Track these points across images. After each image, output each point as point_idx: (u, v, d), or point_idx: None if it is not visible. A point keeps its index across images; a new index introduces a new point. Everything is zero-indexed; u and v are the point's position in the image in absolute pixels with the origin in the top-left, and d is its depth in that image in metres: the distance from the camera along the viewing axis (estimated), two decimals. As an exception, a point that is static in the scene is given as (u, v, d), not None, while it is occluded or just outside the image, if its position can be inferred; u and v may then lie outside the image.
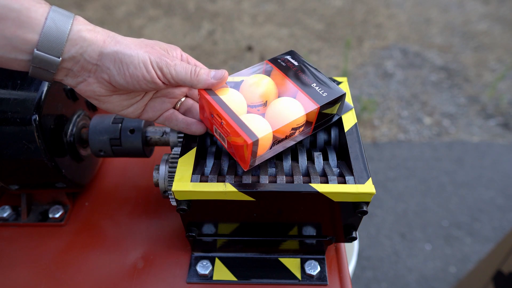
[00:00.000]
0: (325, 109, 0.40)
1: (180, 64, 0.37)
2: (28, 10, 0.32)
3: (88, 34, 0.34)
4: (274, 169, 0.41)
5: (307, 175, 0.40)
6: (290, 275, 0.46)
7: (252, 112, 0.41)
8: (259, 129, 0.36)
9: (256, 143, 0.35)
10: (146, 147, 0.52)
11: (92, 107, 0.57)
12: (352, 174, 0.39)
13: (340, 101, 0.42)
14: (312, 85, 0.41)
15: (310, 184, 0.38)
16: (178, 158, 0.41)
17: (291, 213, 0.41)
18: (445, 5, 2.58)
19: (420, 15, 2.50)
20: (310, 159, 0.43)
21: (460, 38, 2.30)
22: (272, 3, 2.64)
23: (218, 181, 0.38)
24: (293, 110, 0.38)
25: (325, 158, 0.43)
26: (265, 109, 0.41)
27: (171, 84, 0.38)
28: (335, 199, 0.38)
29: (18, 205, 0.55)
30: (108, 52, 0.35)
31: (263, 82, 0.41)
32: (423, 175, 1.60)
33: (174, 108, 0.44)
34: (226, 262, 0.47)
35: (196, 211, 0.40)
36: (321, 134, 0.45)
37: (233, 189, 0.37)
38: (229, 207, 0.39)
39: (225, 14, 2.54)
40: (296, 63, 0.44)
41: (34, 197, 0.56)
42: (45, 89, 0.44)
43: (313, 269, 0.46)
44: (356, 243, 0.97)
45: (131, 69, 0.35)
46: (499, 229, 1.40)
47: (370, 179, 0.38)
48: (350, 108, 0.45)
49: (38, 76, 0.35)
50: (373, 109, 1.89)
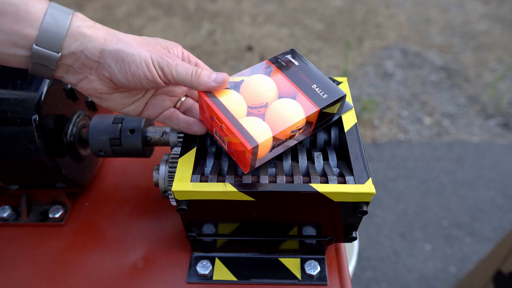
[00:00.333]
0: (326, 110, 0.40)
1: (182, 65, 0.37)
2: (27, 5, 0.32)
3: (88, 31, 0.34)
4: (274, 169, 0.41)
5: (307, 175, 0.40)
6: (290, 275, 0.46)
7: (253, 113, 0.41)
8: (259, 134, 0.36)
9: (256, 149, 0.35)
10: (146, 147, 0.52)
11: (92, 107, 0.57)
12: (352, 174, 0.39)
13: (341, 102, 0.42)
14: (313, 86, 0.41)
15: (310, 184, 0.38)
16: (178, 158, 0.41)
17: (291, 213, 0.41)
18: (445, 5, 2.58)
19: (420, 15, 2.50)
20: (310, 159, 0.43)
21: (460, 38, 2.30)
22: (272, 3, 2.64)
23: (218, 181, 0.38)
24: (293, 113, 0.38)
25: (325, 158, 0.43)
26: (266, 110, 0.41)
27: (172, 84, 0.38)
28: (335, 199, 0.38)
29: (18, 205, 0.55)
30: (110, 50, 0.35)
31: (264, 83, 0.41)
32: (423, 175, 1.60)
33: (175, 107, 0.44)
34: (226, 262, 0.47)
35: (196, 211, 0.40)
36: (321, 134, 0.45)
37: (233, 189, 0.37)
38: (229, 207, 0.39)
39: (225, 14, 2.54)
40: (297, 63, 0.44)
41: (34, 197, 0.56)
42: (45, 89, 0.44)
43: (313, 269, 0.46)
44: (356, 243, 0.97)
45: (133, 68, 0.35)
46: (499, 229, 1.40)
47: (370, 179, 0.38)
48: (350, 108, 0.45)
49: (38, 73, 0.35)
50: (373, 109, 1.89)
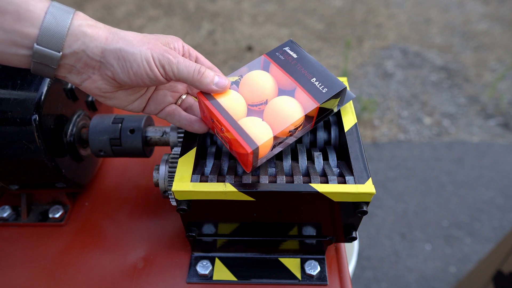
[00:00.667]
0: (326, 104, 0.40)
1: (183, 62, 0.37)
2: (27, 4, 0.32)
3: (89, 30, 0.34)
4: (274, 169, 0.41)
5: (307, 175, 0.40)
6: (290, 275, 0.46)
7: (254, 111, 0.41)
8: (259, 135, 0.36)
9: (257, 151, 0.35)
10: (146, 147, 0.52)
11: (92, 107, 0.57)
12: (352, 174, 0.39)
13: (341, 95, 0.41)
14: (312, 80, 0.40)
15: (310, 184, 0.38)
16: (178, 158, 0.41)
17: (291, 213, 0.41)
18: (445, 5, 2.58)
19: (420, 15, 2.50)
20: (310, 159, 0.43)
21: (460, 38, 2.30)
22: (272, 3, 2.64)
23: (218, 181, 0.38)
24: (292, 111, 0.38)
25: (325, 158, 0.43)
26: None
27: (174, 80, 0.38)
28: (335, 199, 0.38)
29: (18, 205, 0.55)
30: (111, 49, 0.35)
31: (263, 79, 0.41)
32: (423, 175, 1.60)
33: (176, 104, 0.44)
34: (226, 262, 0.47)
35: (196, 211, 0.40)
36: (321, 134, 0.45)
37: (233, 189, 0.37)
38: (229, 207, 0.39)
39: (225, 14, 2.54)
40: (295, 55, 0.43)
41: (34, 197, 0.56)
42: (45, 89, 0.44)
43: (313, 269, 0.46)
44: (356, 243, 0.97)
45: (135, 67, 0.35)
46: (499, 229, 1.40)
47: (370, 179, 0.38)
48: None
49: (40, 73, 0.35)
50: (373, 109, 1.89)
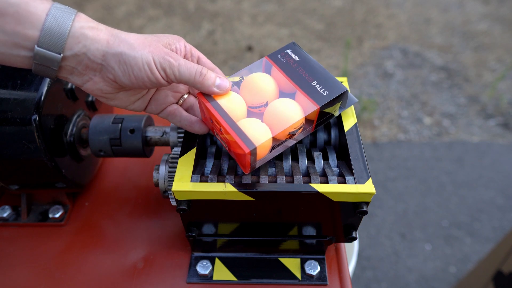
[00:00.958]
0: (327, 108, 0.40)
1: (184, 65, 0.37)
2: (28, 5, 0.32)
3: (91, 32, 0.34)
4: (274, 169, 0.41)
5: (307, 175, 0.40)
6: (290, 275, 0.46)
7: (254, 113, 0.41)
8: (258, 136, 0.36)
9: (255, 151, 0.35)
10: (146, 147, 0.52)
11: (92, 107, 0.57)
12: (352, 174, 0.39)
13: (343, 98, 0.41)
14: (313, 83, 0.40)
15: (310, 184, 0.38)
16: (178, 158, 0.41)
17: (291, 213, 0.41)
18: (445, 5, 2.58)
19: (420, 15, 2.50)
20: (310, 159, 0.43)
21: (460, 38, 2.30)
22: (272, 3, 2.64)
23: (218, 181, 0.38)
24: (292, 113, 0.38)
25: (325, 158, 0.43)
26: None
27: (175, 82, 0.38)
28: (335, 199, 0.38)
29: (18, 205, 0.55)
30: (113, 53, 0.35)
31: (264, 81, 0.41)
32: (423, 175, 1.60)
33: (177, 104, 0.44)
34: (226, 262, 0.47)
35: (196, 211, 0.40)
36: (321, 134, 0.45)
37: (233, 189, 0.37)
38: (229, 207, 0.39)
39: (225, 14, 2.54)
40: (297, 58, 0.43)
41: (34, 197, 0.56)
42: (45, 89, 0.44)
43: (313, 269, 0.46)
44: (356, 243, 0.97)
45: (136, 71, 0.35)
46: (499, 229, 1.40)
47: (370, 179, 0.38)
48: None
49: (41, 73, 0.35)
50: (373, 109, 1.89)
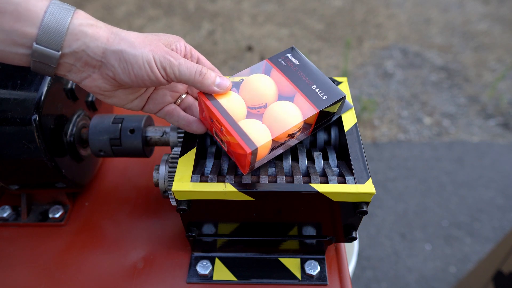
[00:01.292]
0: (325, 111, 0.40)
1: (185, 64, 0.37)
2: (27, 3, 0.32)
3: (90, 30, 0.34)
4: (274, 169, 0.41)
5: (307, 175, 0.40)
6: (290, 275, 0.46)
7: (253, 113, 0.41)
8: (258, 137, 0.36)
9: (255, 152, 0.35)
10: (146, 147, 0.52)
11: (92, 107, 0.57)
12: (352, 174, 0.39)
13: (341, 103, 0.42)
14: (312, 87, 0.41)
15: (310, 184, 0.38)
16: (178, 158, 0.41)
17: (291, 213, 0.41)
18: (445, 5, 2.58)
19: (420, 15, 2.50)
20: (310, 159, 0.43)
21: (460, 38, 2.30)
22: (272, 3, 2.64)
23: (218, 181, 0.38)
24: (291, 116, 0.38)
25: (325, 158, 0.43)
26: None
27: (175, 82, 0.38)
28: (335, 199, 0.38)
29: (18, 205, 0.55)
30: (113, 50, 0.34)
31: (263, 83, 0.41)
32: (423, 175, 1.60)
33: (175, 103, 0.44)
34: (226, 262, 0.47)
35: (196, 211, 0.40)
36: (321, 134, 0.45)
37: (233, 189, 0.37)
38: (229, 207, 0.39)
39: (225, 14, 2.54)
40: (297, 62, 0.43)
41: (34, 197, 0.56)
42: (45, 89, 0.44)
43: (313, 269, 0.46)
44: (356, 243, 0.97)
45: (136, 69, 0.35)
46: (499, 229, 1.40)
47: (370, 179, 0.38)
48: (350, 107, 0.45)
49: (40, 71, 0.35)
50: (373, 109, 1.89)
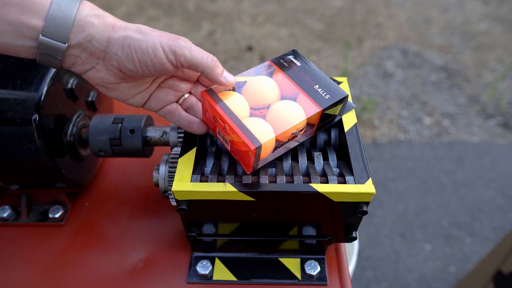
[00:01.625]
0: (328, 111, 0.41)
1: (196, 48, 0.36)
2: None
3: (96, 20, 0.34)
4: (274, 169, 0.41)
5: (307, 175, 0.40)
6: (290, 275, 0.46)
7: (256, 115, 0.41)
8: (262, 134, 0.36)
9: (259, 149, 0.35)
10: (146, 147, 0.52)
11: (92, 107, 0.57)
12: (352, 174, 0.39)
13: (343, 103, 0.42)
14: (315, 87, 0.41)
15: (310, 184, 0.38)
16: (178, 158, 0.41)
17: (291, 213, 0.41)
18: (445, 5, 2.58)
19: (420, 15, 2.50)
20: (310, 159, 0.43)
21: (460, 38, 2.30)
22: (272, 3, 2.64)
23: (218, 181, 0.38)
24: (295, 115, 0.38)
25: (325, 158, 0.43)
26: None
27: (184, 67, 0.37)
28: (335, 199, 0.38)
29: (18, 205, 0.55)
30: (117, 37, 0.34)
31: (266, 84, 0.41)
32: (423, 175, 1.60)
33: (177, 103, 0.44)
34: (226, 262, 0.47)
35: (196, 211, 0.40)
36: (321, 134, 0.45)
37: (233, 189, 0.37)
38: (229, 207, 0.39)
39: (225, 14, 2.54)
40: (299, 63, 0.44)
41: (34, 197, 0.56)
42: (45, 89, 0.44)
43: (313, 269, 0.46)
44: (356, 243, 0.97)
45: (139, 54, 0.35)
46: (499, 229, 1.40)
47: (370, 179, 0.38)
48: (352, 107, 0.45)
49: (46, 63, 0.35)
50: (373, 109, 1.89)
